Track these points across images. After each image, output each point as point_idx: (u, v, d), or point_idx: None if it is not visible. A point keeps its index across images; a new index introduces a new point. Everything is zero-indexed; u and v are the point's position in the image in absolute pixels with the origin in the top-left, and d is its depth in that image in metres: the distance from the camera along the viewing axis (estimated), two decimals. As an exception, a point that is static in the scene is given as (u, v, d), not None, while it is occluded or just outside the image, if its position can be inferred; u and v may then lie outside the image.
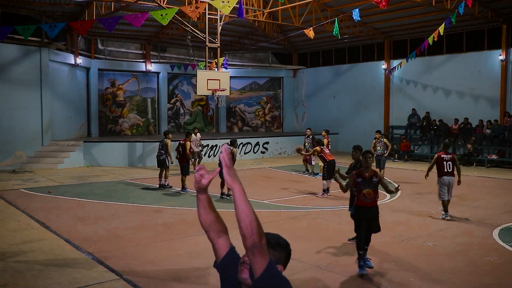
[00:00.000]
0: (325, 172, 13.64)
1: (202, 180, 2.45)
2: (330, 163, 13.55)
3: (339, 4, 21.59)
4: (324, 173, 13.69)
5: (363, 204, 7.29)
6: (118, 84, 26.34)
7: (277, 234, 2.64)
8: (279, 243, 2.57)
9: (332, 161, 13.65)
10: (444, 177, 10.57)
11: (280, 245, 2.57)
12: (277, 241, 2.57)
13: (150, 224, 10.22)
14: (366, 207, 7.29)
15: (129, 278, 6.88)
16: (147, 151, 21.17)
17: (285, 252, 2.58)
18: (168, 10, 13.95)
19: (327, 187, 13.68)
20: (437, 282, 6.80)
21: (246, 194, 2.25)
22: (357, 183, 7.30)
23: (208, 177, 2.45)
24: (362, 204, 7.30)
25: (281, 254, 2.55)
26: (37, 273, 7.09)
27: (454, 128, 22.33)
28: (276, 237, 2.61)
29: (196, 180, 2.45)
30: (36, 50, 20.08)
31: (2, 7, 19.14)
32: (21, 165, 19.28)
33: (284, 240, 2.61)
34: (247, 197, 2.26)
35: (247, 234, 2.22)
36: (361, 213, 7.33)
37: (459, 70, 22.75)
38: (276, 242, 2.56)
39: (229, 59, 29.10)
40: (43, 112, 20.28)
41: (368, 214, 7.30)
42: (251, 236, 2.22)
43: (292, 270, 7.30)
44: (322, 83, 29.36)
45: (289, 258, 2.62)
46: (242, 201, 2.24)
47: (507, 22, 20.92)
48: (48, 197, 13.33)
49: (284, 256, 2.57)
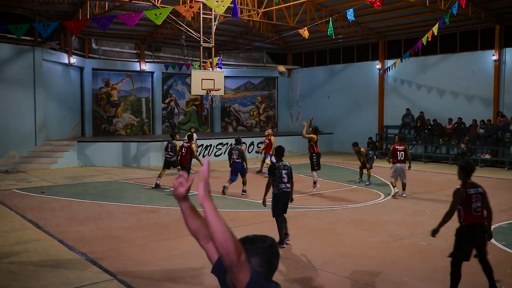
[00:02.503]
0: (315, 163, 14.01)
1: (180, 188, 2.38)
2: (318, 154, 14.10)
3: (334, 4, 21.62)
4: (314, 165, 14.03)
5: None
6: (112, 84, 26.25)
7: (260, 235, 2.43)
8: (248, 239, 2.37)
9: (319, 153, 14.27)
10: (397, 164, 13.09)
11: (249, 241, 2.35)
12: (247, 239, 2.37)
13: (144, 224, 10.19)
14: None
15: (123, 279, 6.85)
16: (141, 151, 21.12)
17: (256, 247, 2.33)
18: (162, 10, 13.93)
19: (315, 180, 14.03)
20: (431, 282, 6.82)
21: (218, 211, 2.16)
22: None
23: (186, 185, 2.40)
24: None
25: (252, 252, 2.31)
26: (31, 274, 7.05)
27: (448, 128, 22.42)
28: (250, 238, 2.40)
29: (174, 187, 2.39)
30: (29, 50, 19.98)
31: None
32: (14, 165, 19.18)
33: (256, 236, 2.39)
34: (219, 214, 2.16)
35: (224, 253, 2.13)
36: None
37: (453, 70, 22.84)
38: (247, 240, 2.37)
39: (224, 59, 29.07)
40: (37, 111, 20.19)
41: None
42: (227, 255, 2.13)
43: (286, 269, 7.31)
44: (316, 83, 29.40)
45: (268, 255, 2.33)
46: (215, 219, 2.14)
47: (500, 22, 21.03)
48: (41, 198, 13.27)
49: (257, 253, 2.31)
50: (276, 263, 2.37)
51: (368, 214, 11.31)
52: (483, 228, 6.06)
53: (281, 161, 8.85)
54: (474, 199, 5.97)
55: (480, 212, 6.01)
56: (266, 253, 2.32)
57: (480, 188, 6.10)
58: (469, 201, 5.94)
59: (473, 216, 5.96)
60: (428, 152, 23.09)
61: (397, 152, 13.13)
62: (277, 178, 8.51)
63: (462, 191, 6.03)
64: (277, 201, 8.56)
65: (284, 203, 8.63)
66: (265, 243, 2.35)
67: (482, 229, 6.05)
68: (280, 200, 8.55)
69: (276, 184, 8.51)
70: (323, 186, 15.19)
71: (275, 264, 2.36)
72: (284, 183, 8.52)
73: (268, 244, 2.35)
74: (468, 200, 5.94)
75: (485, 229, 6.10)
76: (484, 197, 6.04)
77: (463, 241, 6.01)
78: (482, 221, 6.05)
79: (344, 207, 12.12)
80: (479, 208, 5.98)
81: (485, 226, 6.09)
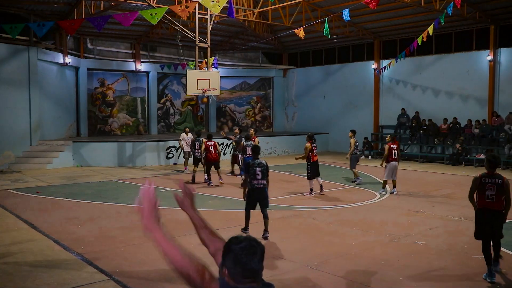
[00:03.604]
0: (309, 172, 13.73)
1: (184, 201, 2.43)
2: (313, 164, 13.68)
3: (329, 4, 21.66)
4: (308, 173, 13.75)
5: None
6: (108, 84, 26.19)
7: (239, 236, 2.41)
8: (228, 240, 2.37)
9: (316, 162, 13.78)
10: (392, 162, 13.56)
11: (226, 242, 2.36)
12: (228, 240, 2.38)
13: (140, 225, 10.14)
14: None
15: (119, 279, 6.84)
16: (137, 151, 21.08)
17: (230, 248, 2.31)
18: (158, 10, 13.91)
19: (311, 187, 13.82)
20: (427, 281, 6.84)
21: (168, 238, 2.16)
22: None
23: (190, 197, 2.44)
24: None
25: (226, 252, 2.32)
26: (26, 274, 7.03)
27: (443, 127, 22.49)
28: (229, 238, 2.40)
29: (178, 200, 2.44)
30: (24, 49, 19.92)
31: (-10, 5, 18.98)
32: (9, 165, 19.10)
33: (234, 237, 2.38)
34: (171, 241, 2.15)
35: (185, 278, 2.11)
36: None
37: (448, 70, 22.92)
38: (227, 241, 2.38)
39: (219, 58, 29.04)
40: (32, 111, 20.12)
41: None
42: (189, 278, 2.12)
43: (282, 269, 7.32)
44: (312, 83, 29.43)
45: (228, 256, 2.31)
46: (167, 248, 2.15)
47: (495, 23, 21.11)
48: (37, 198, 13.22)
49: (230, 253, 2.30)
50: (252, 264, 2.28)
51: (364, 214, 11.33)
52: (494, 214, 6.68)
53: (257, 159, 9.33)
54: (488, 187, 6.65)
55: (493, 200, 6.63)
56: (239, 253, 2.28)
57: (500, 180, 6.68)
58: (483, 188, 6.69)
59: (484, 202, 6.69)
60: (423, 152, 23.15)
61: (392, 151, 13.62)
62: (251, 175, 9.05)
63: (477, 179, 6.82)
64: (250, 196, 9.18)
65: (257, 198, 9.16)
66: (239, 244, 2.32)
67: (493, 214, 6.68)
68: (252, 196, 9.12)
69: (250, 181, 9.10)
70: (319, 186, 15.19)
71: (250, 265, 2.28)
72: (257, 180, 9.05)
73: (243, 245, 2.31)
74: (482, 187, 6.70)
75: (500, 215, 6.75)
76: (502, 188, 6.64)
77: (477, 223, 6.87)
78: (494, 208, 6.66)
79: (339, 207, 12.14)
80: (492, 196, 6.62)
81: (500, 212, 6.74)
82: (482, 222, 6.80)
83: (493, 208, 6.68)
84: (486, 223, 6.75)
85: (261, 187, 9.11)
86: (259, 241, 2.37)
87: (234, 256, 2.28)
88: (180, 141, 19.17)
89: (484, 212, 6.75)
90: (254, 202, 9.24)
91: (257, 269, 2.30)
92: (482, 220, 6.81)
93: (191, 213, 2.57)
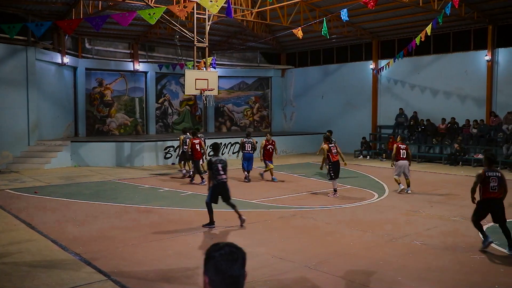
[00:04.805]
0: (331, 173, 13.59)
1: None
2: (334, 163, 13.55)
3: (327, 4, 21.66)
4: (331, 174, 13.61)
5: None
6: (106, 84, 26.15)
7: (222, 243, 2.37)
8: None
9: (337, 162, 13.66)
10: (400, 161, 14.03)
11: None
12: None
13: (138, 225, 10.16)
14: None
15: (117, 279, 6.83)
16: (135, 151, 21.06)
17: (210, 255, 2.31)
18: (156, 9, 13.89)
19: (335, 188, 13.64)
20: (425, 281, 6.84)
21: None
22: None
23: None
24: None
25: (207, 260, 2.31)
26: (25, 275, 7.01)
27: (441, 127, 22.52)
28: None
29: None
30: (22, 49, 19.88)
31: (-12, 5, 18.94)
32: (7, 165, 19.06)
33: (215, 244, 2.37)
34: None
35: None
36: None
37: (446, 70, 22.94)
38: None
39: (218, 58, 29.03)
40: (30, 111, 20.09)
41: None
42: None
43: (281, 269, 7.32)
44: (310, 83, 29.44)
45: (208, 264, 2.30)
46: None
47: (493, 23, 21.14)
48: (35, 198, 13.20)
49: (211, 261, 2.29)
50: (233, 271, 2.25)
51: (362, 214, 11.34)
52: (497, 201, 8.00)
53: (218, 156, 9.97)
54: (492, 180, 7.95)
55: (496, 190, 7.95)
56: (219, 260, 2.26)
57: (499, 173, 8.07)
58: (487, 181, 7.94)
59: (489, 192, 7.95)
60: (422, 152, 23.17)
61: (400, 151, 14.14)
62: (214, 171, 9.65)
63: (481, 174, 8.01)
64: (214, 190, 9.70)
65: (219, 193, 9.78)
66: (219, 251, 2.30)
67: (496, 202, 8.00)
68: (217, 190, 9.70)
69: (214, 177, 9.67)
70: (317, 186, 15.23)
71: (231, 272, 2.24)
72: (220, 175, 9.69)
73: (223, 251, 2.29)
74: (486, 180, 7.95)
75: (501, 201, 8.05)
76: (501, 179, 8.00)
77: (479, 209, 8.10)
78: (498, 196, 8.00)
79: (338, 207, 12.14)
80: (495, 187, 7.92)
81: (501, 200, 8.05)
82: (486, 209, 8.04)
83: (497, 197, 7.99)
84: (491, 210, 8.01)
85: (224, 182, 9.78)
86: (239, 247, 2.34)
87: (214, 263, 2.26)
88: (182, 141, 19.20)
89: (490, 201, 7.98)
90: (217, 196, 9.78)
91: (237, 276, 2.26)
92: (487, 208, 8.03)
93: None
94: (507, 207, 7.87)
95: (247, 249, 2.39)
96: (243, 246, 2.37)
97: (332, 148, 13.71)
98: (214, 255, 2.28)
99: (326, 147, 13.59)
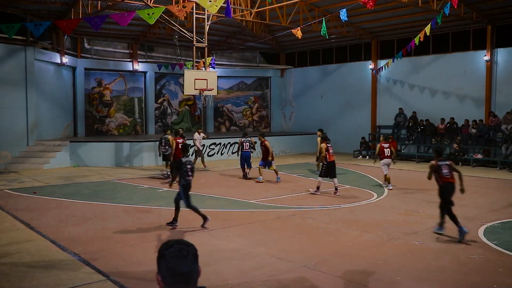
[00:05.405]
0: (323, 170, 13.77)
1: None
2: (329, 163, 13.72)
3: (327, 4, 21.66)
4: (322, 171, 13.80)
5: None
6: (105, 84, 26.14)
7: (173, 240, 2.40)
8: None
9: (332, 162, 13.82)
10: (385, 159, 14.98)
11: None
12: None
13: (137, 225, 10.16)
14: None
15: (116, 279, 6.82)
16: (134, 151, 21.05)
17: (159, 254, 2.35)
18: (155, 9, 13.88)
19: (318, 185, 13.84)
20: (424, 281, 6.84)
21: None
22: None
23: None
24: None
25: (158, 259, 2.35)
26: (23, 275, 7.00)
27: (441, 127, 22.52)
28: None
29: None
30: (21, 49, 19.87)
31: (-13, 5, 18.92)
32: (6, 166, 19.05)
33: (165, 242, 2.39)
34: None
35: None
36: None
37: (445, 70, 22.96)
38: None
39: (217, 58, 29.03)
40: (29, 111, 20.06)
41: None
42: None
43: (279, 269, 7.32)
44: (309, 83, 29.44)
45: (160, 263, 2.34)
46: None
47: (492, 23, 21.15)
48: (33, 198, 13.18)
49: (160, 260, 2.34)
50: (182, 268, 2.26)
51: (361, 213, 11.34)
52: (452, 184, 9.15)
53: (186, 157, 10.25)
54: (443, 168, 9.19)
55: (449, 176, 9.14)
56: (168, 258, 2.29)
57: (448, 162, 9.35)
58: (440, 169, 9.18)
59: (445, 178, 9.15)
60: (421, 152, 23.17)
61: (384, 150, 15.12)
62: (183, 172, 9.88)
63: (434, 164, 9.24)
64: (186, 189, 9.90)
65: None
66: (168, 249, 2.32)
67: (451, 186, 9.15)
68: (187, 190, 9.90)
69: (183, 177, 9.86)
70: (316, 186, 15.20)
71: (180, 269, 2.26)
72: (189, 176, 9.93)
73: (172, 249, 2.31)
74: (439, 169, 9.19)
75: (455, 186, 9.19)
76: (451, 166, 9.26)
77: (444, 194, 9.16)
78: (451, 181, 9.16)
79: (337, 207, 12.14)
80: (448, 173, 9.14)
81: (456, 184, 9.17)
82: (447, 191, 9.17)
83: (450, 181, 9.15)
84: (449, 192, 9.15)
85: (191, 182, 10.04)
86: (190, 244, 2.35)
87: (165, 261, 2.29)
88: (195, 141, 19.24)
89: (447, 184, 9.15)
90: (189, 194, 10.02)
91: (187, 272, 2.28)
92: (446, 190, 9.17)
93: None
94: (508, 207, 7.96)
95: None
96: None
97: (330, 148, 13.84)
98: (164, 253, 2.31)
99: (324, 146, 13.75)
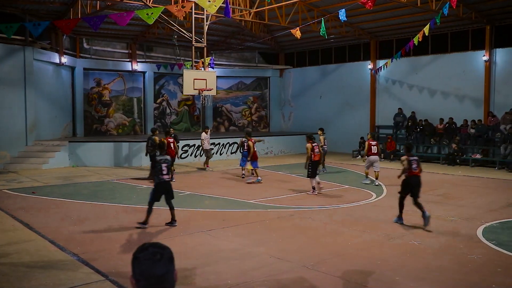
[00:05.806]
0: (309, 171, 13.81)
1: None
2: (314, 163, 13.77)
3: (326, 4, 21.67)
4: (309, 172, 13.84)
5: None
6: (104, 84, 26.13)
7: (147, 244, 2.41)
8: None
9: (317, 161, 13.92)
10: (371, 156, 15.61)
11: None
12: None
13: (136, 225, 10.14)
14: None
15: (115, 279, 6.81)
16: (133, 151, 21.04)
17: (133, 258, 2.36)
18: (154, 9, 13.88)
19: (313, 185, 13.89)
20: (423, 281, 6.84)
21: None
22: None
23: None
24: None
25: (132, 263, 2.35)
26: (22, 275, 7.00)
27: (439, 127, 22.54)
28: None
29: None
30: (20, 49, 19.85)
31: (-15, 5, 18.90)
32: (5, 166, 19.03)
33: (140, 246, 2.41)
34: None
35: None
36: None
37: (444, 70, 22.97)
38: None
39: (216, 58, 29.04)
40: (27, 111, 20.05)
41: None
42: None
43: (278, 269, 7.32)
44: (308, 83, 29.45)
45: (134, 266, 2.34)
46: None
47: (490, 23, 21.18)
48: (32, 198, 13.17)
49: (134, 264, 2.34)
50: (156, 271, 2.25)
51: (360, 213, 11.34)
52: (418, 178, 10.16)
53: (163, 155, 10.16)
54: (413, 162, 10.11)
55: (417, 170, 10.11)
56: (142, 261, 2.28)
57: (416, 157, 10.36)
58: (410, 164, 10.07)
59: (413, 172, 10.07)
60: (420, 152, 23.16)
61: (371, 147, 15.64)
62: (158, 170, 9.81)
63: (407, 158, 10.11)
64: (158, 189, 9.86)
65: (163, 191, 9.94)
66: (142, 252, 2.31)
67: (418, 178, 10.15)
68: (160, 189, 9.87)
69: (157, 175, 9.82)
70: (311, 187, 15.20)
71: (154, 272, 2.25)
72: (163, 175, 9.80)
73: (146, 252, 2.30)
74: (410, 163, 10.08)
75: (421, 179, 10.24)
76: (418, 161, 10.22)
77: (406, 185, 10.18)
78: (418, 174, 10.15)
79: (336, 207, 12.14)
80: (416, 167, 10.09)
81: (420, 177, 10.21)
82: (410, 184, 10.07)
83: (418, 174, 10.13)
84: (413, 185, 10.04)
85: (167, 181, 9.93)
86: (165, 247, 2.34)
87: (138, 264, 2.28)
88: (202, 141, 19.25)
89: (413, 177, 10.07)
90: (160, 195, 9.92)
91: (161, 275, 2.26)
92: (410, 183, 10.08)
93: None
94: (507, 207, 7.97)
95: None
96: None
97: (315, 148, 13.83)
98: (138, 256, 2.31)
99: (309, 146, 13.77)
